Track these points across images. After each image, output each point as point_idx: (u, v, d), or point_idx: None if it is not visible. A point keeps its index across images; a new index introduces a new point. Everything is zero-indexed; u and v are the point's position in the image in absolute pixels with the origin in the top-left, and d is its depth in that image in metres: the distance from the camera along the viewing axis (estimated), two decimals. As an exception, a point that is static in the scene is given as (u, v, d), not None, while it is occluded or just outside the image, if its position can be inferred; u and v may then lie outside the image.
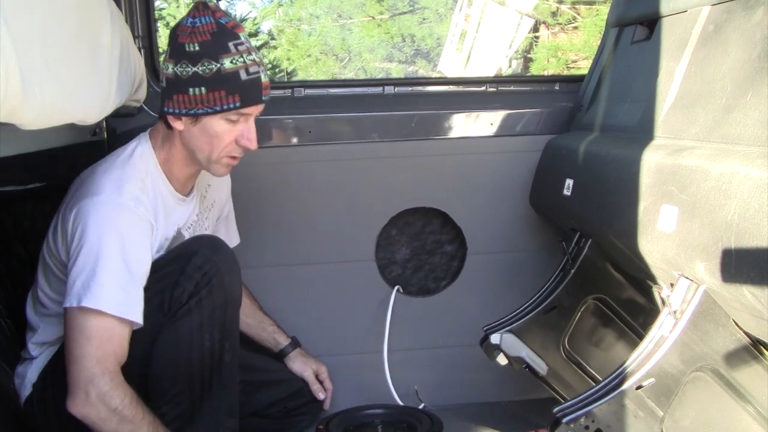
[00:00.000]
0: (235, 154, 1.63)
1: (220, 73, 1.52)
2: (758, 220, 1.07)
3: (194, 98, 1.54)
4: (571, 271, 1.82)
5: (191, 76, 1.53)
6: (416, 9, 11.92)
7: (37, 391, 1.63)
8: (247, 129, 1.59)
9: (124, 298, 1.48)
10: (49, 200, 1.99)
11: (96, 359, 1.45)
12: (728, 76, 1.34)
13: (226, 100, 1.54)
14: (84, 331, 1.45)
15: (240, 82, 1.54)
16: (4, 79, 0.97)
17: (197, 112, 1.55)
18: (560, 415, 1.34)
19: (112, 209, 1.52)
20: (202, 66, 1.52)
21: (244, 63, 1.53)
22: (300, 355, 2.09)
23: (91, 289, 1.45)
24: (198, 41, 1.53)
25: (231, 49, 1.53)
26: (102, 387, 1.44)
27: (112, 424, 1.45)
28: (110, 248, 1.48)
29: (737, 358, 1.34)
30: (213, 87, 1.53)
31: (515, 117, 2.25)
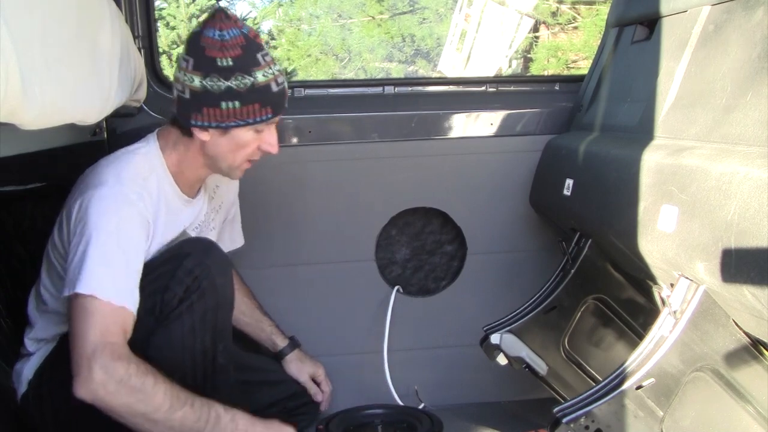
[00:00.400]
0: (255, 158, 1.66)
1: (254, 87, 1.54)
2: (758, 220, 1.07)
3: (227, 112, 1.55)
4: (571, 271, 1.82)
5: (224, 91, 1.53)
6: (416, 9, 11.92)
7: (32, 389, 1.63)
8: (270, 135, 1.62)
9: (119, 285, 1.48)
10: (49, 200, 1.99)
11: (94, 337, 1.42)
12: (728, 76, 1.34)
13: (260, 113, 1.56)
14: (81, 316, 1.44)
15: (272, 94, 1.56)
16: (4, 79, 0.97)
17: (229, 125, 1.56)
18: (560, 415, 1.34)
19: (113, 201, 1.52)
20: (235, 80, 1.53)
21: (273, 75, 1.56)
22: (296, 358, 2.09)
23: (85, 276, 1.44)
24: (230, 56, 1.53)
25: (260, 61, 1.55)
26: (103, 360, 1.40)
27: (121, 397, 1.41)
28: (107, 238, 1.48)
29: (737, 358, 1.34)
30: (247, 101, 1.54)
31: (515, 117, 2.25)
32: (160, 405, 1.43)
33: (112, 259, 1.48)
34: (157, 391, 1.43)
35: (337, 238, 2.24)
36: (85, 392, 1.40)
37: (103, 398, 1.40)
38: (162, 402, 1.43)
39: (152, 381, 1.44)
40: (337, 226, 2.23)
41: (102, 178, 1.55)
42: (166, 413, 1.43)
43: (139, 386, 1.42)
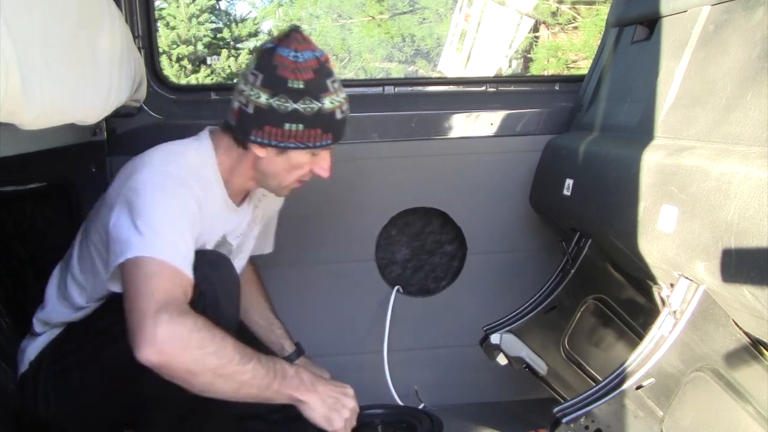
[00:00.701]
0: (306, 179, 1.65)
1: (321, 112, 1.53)
2: (758, 220, 1.07)
3: (289, 133, 1.53)
4: (571, 271, 1.82)
5: (290, 112, 1.52)
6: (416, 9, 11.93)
7: (32, 369, 1.63)
8: (325, 160, 1.61)
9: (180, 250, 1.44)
10: (49, 200, 1.99)
11: (158, 296, 1.36)
12: (728, 76, 1.34)
13: (321, 138, 1.55)
14: (141, 278, 1.38)
15: (335, 121, 1.56)
16: (4, 79, 0.97)
17: (288, 145, 1.55)
18: (560, 415, 1.34)
19: (169, 177, 1.50)
20: (303, 104, 1.52)
21: (340, 103, 1.56)
22: (302, 365, 2.08)
23: (146, 239, 1.40)
24: (303, 79, 1.52)
25: (329, 87, 1.54)
26: (169, 315, 1.33)
27: (191, 351, 1.34)
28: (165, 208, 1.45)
29: (737, 358, 1.34)
30: (311, 125, 1.53)
31: (515, 117, 2.25)
32: (231, 356, 1.38)
33: (171, 227, 1.44)
34: (226, 343, 1.39)
35: (337, 238, 2.24)
36: (151, 353, 1.31)
37: (172, 355, 1.33)
38: (233, 354, 1.38)
39: (220, 333, 1.39)
40: (337, 226, 2.23)
41: (155, 159, 1.53)
42: (237, 365, 1.38)
43: (209, 338, 1.36)
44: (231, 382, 1.39)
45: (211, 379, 1.37)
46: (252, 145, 1.57)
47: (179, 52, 10.89)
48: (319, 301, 2.25)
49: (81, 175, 2.03)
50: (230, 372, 1.38)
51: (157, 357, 1.32)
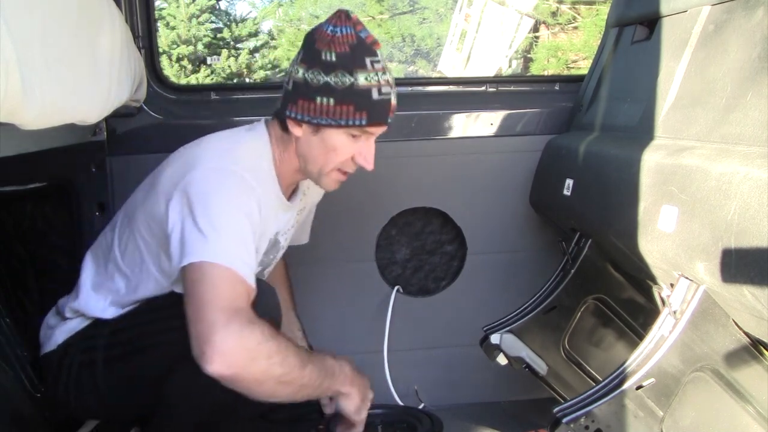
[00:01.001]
0: (348, 170, 1.58)
1: (353, 87, 1.47)
2: (758, 220, 1.07)
3: (320, 107, 1.49)
4: (571, 271, 1.82)
5: (322, 86, 1.48)
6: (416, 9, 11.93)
7: (58, 353, 1.61)
8: (367, 147, 1.54)
9: (244, 258, 1.41)
10: (49, 200, 1.99)
11: (224, 303, 1.33)
12: (728, 76, 1.34)
13: (354, 116, 1.48)
14: (205, 285, 1.35)
15: (371, 100, 1.48)
16: (4, 79, 0.97)
17: (320, 121, 1.50)
18: (560, 415, 1.34)
19: (232, 176, 1.46)
20: (335, 77, 1.47)
21: (378, 82, 1.49)
22: None
23: (210, 245, 1.38)
24: (336, 51, 1.48)
25: (367, 65, 1.48)
26: (237, 327, 1.31)
27: (259, 363, 1.33)
28: (229, 212, 1.42)
29: (737, 358, 1.34)
30: (342, 100, 1.48)
31: (515, 117, 2.25)
32: (293, 364, 1.39)
33: (236, 232, 1.41)
34: (289, 351, 1.39)
35: (337, 238, 2.24)
36: (221, 366, 1.29)
37: (242, 367, 1.31)
38: (294, 361, 1.39)
39: (284, 341, 1.39)
40: (337, 226, 2.23)
41: (212, 152, 1.50)
42: (298, 371, 1.40)
43: (275, 348, 1.35)
44: (291, 387, 1.41)
45: (274, 387, 1.38)
46: (289, 123, 1.53)
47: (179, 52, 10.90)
48: (319, 301, 2.25)
49: (81, 175, 2.03)
50: (292, 378, 1.39)
51: (227, 370, 1.31)
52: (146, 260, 1.58)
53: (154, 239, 1.55)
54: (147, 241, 1.56)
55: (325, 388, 1.50)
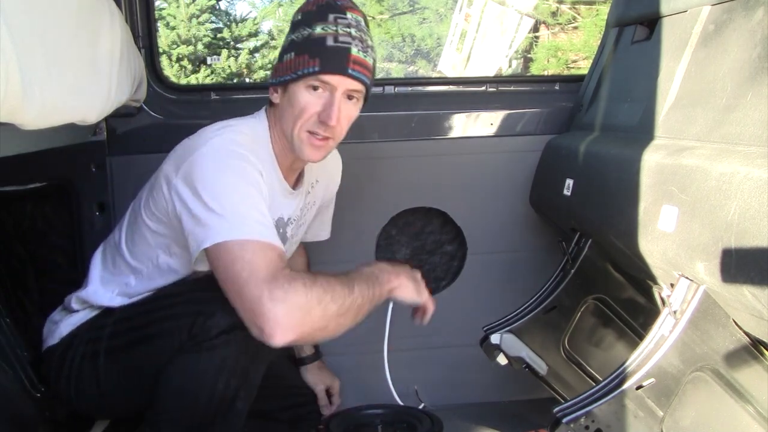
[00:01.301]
0: (315, 130, 1.52)
1: (309, 38, 1.47)
2: (758, 220, 1.07)
3: (285, 65, 1.50)
4: (571, 271, 1.81)
5: (288, 44, 1.51)
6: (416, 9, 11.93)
7: (62, 345, 1.61)
8: (330, 102, 1.49)
9: (264, 223, 1.41)
10: (49, 200, 1.99)
11: (262, 274, 1.32)
12: (728, 76, 1.34)
13: (306, 64, 1.47)
14: (230, 267, 1.35)
15: (324, 47, 1.46)
16: (4, 79, 0.97)
17: (284, 78, 1.50)
18: (560, 415, 1.34)
19: (226, 153, 1.45)
20: (297, 33, 1.50)
21: (335, 32, 1.47)
22: (317, 368, 2.09)
23: (215, 225, 1.37)
24: (303, 11, 1.51)
25: (329, 18, 1.47)
26: (281, 292, 1.30)
27: (315, 312, 1.33)
28: (232, 185, 1.42)
29: (737, 358, 1.33)
30: (300, 51, 1.48)
31: (515, 117, 2.25)
32: (342, 294, 1.40)
33: (247, 203, 1.41)
34: (333, 283, 1.40)
35: (337, 238, 2.24)
36: (283, 334, 1.30)
37: (301, 326, 1.31)
38: (342, 290, 1.40)
39: (324, 278, 1.39)
40: (337, 226, 2.23)
41: (211, 136, 1.48)
42: (350, 297, 1.41)
43: (321, 290, 1.35)
44: (350, 314, 1.42)
45: (336, 323, 1.39)
46: (271, 94, 1.56)
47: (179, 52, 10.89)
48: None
49: (81, 175, 2.03)
50: (347, 307, 1.41)
51: (291, 335, 1.31)
52: (156, 251, 1.58)
53: (162, 227, 1.54)
54: (154, 231, 1.56)
55: (378, 295, 1.51)
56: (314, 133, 1.52)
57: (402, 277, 1.59)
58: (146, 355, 1.52)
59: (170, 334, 1.47)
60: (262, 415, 1.97)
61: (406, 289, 1.60)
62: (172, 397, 1.49)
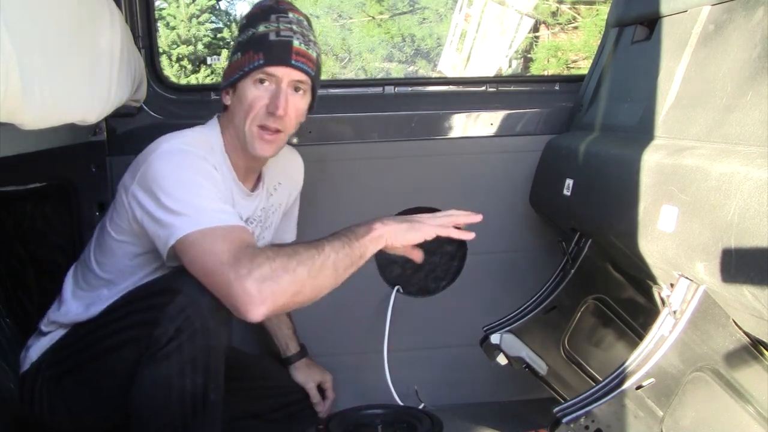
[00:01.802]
0: (264, 123, 1.56)
1: (253, 36, 1.56)
2: (758, 220, 1.07)
3: (233, 66, 1.59)
4: (571, 271, 1.81)
5: (235, 47, 1.59)
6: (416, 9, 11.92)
7: (32, 370, 1.63)
8: (276, 93, 1.55)
9: (221, 208, 1.45)
10: (49, 200, 1.99)
11: (225, 259, 1.36)
12: (728, 76, 1.34)
13: (251, 60, 1.54)
14: (197, 258, 1.40)
15: (267, 42, 1.54)
16: (4, 79, 0.97)
17: (233, 78, 1.57)
18: (560, 415, 1.34)
19: (180, 153, 1.50)
20: (243, 35, 1.58)
21: (277, 28, 1.55)
22: (305, 365, 2.09)
23: (175, 222, 1.41)
24: (248, 15, 1.60)
25: (271, 18, 1.56)
26: (246, 270, 1.34)
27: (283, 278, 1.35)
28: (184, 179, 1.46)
29: (737, 358, 1.34)
30: (245, 50, 1.56)
31: (515, 117, 2.25)
32: (310, 255, 1.40)
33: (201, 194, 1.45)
34: (297, 248, 1.42)
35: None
36: (257, 309, 1.34)
37: (273, 296, 1.34)
38: (308, 252, 1.41)
39: (287, 247, 1.42)
40: (337, 226, 2.22)
41: (164, 142, 1.52)
42: (319, 257, 1.41)
43: (285, 257, 1.37)
44: (325, 273, 1.42)
45: (311, 285, 1.41)
46: (222, 97, 1.62)
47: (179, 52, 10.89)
48: (318, 301, 2.24)
49: (81, 175, 2.03)
50: (319, 267, 1.41)
51: (266, 307, 1.34)
52: (124, 260, 1.61)
53: (126, 236, 1.58)
54: (120, 241, 1.60)
55: (359, 248, 1.48)
56: (265, 127, 1.57)
57: (388, 223, 1.51)
58: (105, 370, 1.53)
59: (124, 346, 1.49)
60: (256, 416, 1.97)
61: (398, 233, 1.51)
62: (147, 409, 1.49)
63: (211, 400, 1.51)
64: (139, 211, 1.49)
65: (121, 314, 1.53)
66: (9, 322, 1.82)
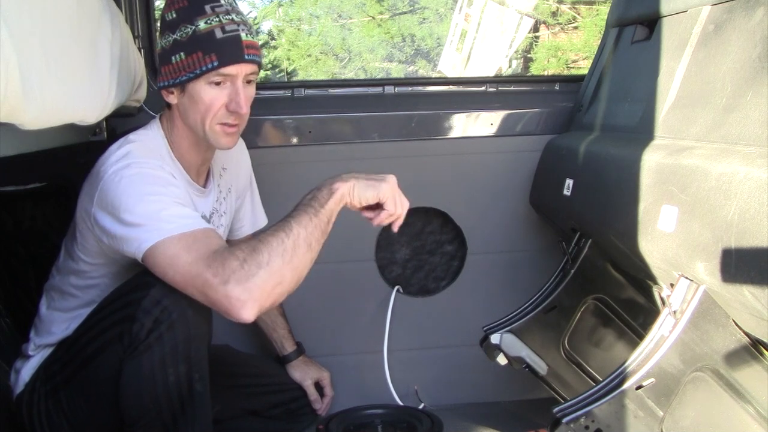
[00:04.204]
0: (227, 121, 1.56)
1: (195, 34, 1.49)
2: (758, 220, 1.07)
3: (177, 66, 1.52)
4: (571, 271, 1.81)
5: (172, 45, 1.52)
6: (416, 9, 11.91)
7: (27, 393, 1.63)
8: (235, 92, 1.52)
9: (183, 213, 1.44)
10: (49, 200, 1.99)
11: (196, 271, 1.35)
12: (728, 76, 1.34)
13: (203, 62, 1.49)
14: (169, 268, 1.38)
15: (216, 41, 1.49)
16: (4, 79, 0.97)
17: (181, 79, 1.52)
18: (560, 415, 1.34)
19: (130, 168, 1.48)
20: (179, 32, 1.50)
21: (219, 22, 1.49)
22: (302, 363, 2.09)
23: (139, 236, 1.40)
24: (175, 8, 1.52)
25: (207, 11, 1.50)
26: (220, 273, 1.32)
27: (261, 275, 1.33)
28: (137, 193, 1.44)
29: (737, 358, 1.34)
30: (190, 50, 1.49)
31: (515, 117, 2.25)
32: (280, 241, 1.37)
33: (161, 202, 1.43)
34: (267, 239, 1.38)
35: (337, 238, 2.23)
36: (245, 312, 1.32)
37: (255, 294, 1.33)
38: (278, 238, 1.38)
39: (254, 240, 1.39)
40: (337, 226, 2.22)
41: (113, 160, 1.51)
42: (290, 240, 1.38)
43: (255, 253, 1.35)
44: (299, 253, 1.39)
45: (290, 271, 1.38)
46: (163, 95, 1.58)
47: (179, 52, 10.87)
48: (319, 301, 2.25)
49: (81, 175, 2.03)
50: (291, 250, 1.38)
51: (251, 308, 1.32)
52: (101, 280, 1.61)
53: (97, 258, 1.58)
54: (93, 263, 1.60)
55: (326, 213, 1.46)
56: (225, 123, 1.56)
57: (348, 179, 1.49)
58: (95, 376, 1.53)
59: (106, 348, 1.49)
60: (255, 413, 1.97)
61: (357, 189, 1.49)
62: (134, 405, 1.49)
63: (197, 391, 1.50)
64: (103, 234, 1.48)
65: (100, 317, 1.53)
66: (9, 322, 1.82)
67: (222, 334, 2.04)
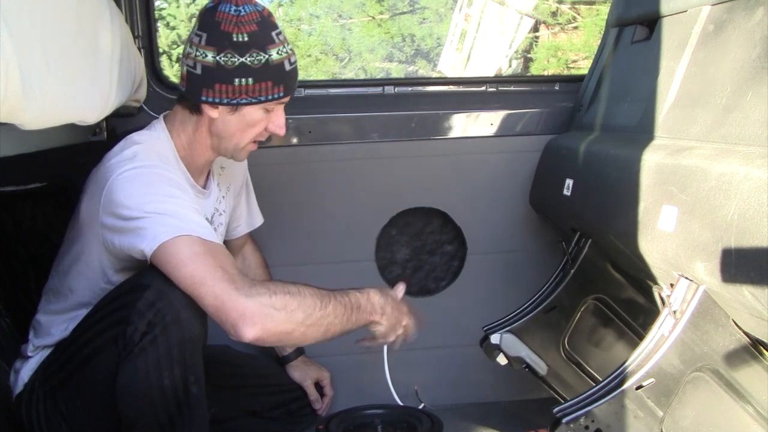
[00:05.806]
0: (262, 140, 1.65)
1: (268, 64, 1.53)
2: (758, 220, 1.07)
3: (240, 89, 1.53)
4: (571, 271, 1.81)
5: (238, 67, 1.52)
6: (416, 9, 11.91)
7: (27, 393, 1.63)
8: (279, 116, 1.61)
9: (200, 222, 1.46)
10: (49, 200, 1.99)
11: (219, 274, 1.38)
12: (728, 76, 1.34)
13: (272, 91, 1.55)
14: (180, 268, 1.40)
15: (285, 72, 1.56)
16: (4, 79, 0.97)
17: (240, 102, 1.55)
18: (560, 415, 1.34)
19: (143, 169, 1.49)
20: (250, 57, 1.52)
21: (287, 53, 1.56)
22: (302, 363, 2.09)
23: (158, 228, 1.41)
24: (246, 31, 1.52)
25: (275, 39, 1.54)
26: (246, 290, 1.37)
27: (280, 314, 1.39)
28: (151, 192, 1.46)
29: (737, 358, 1.34)
30: (260, 78, 1.53)
31: (515, 117, 2.25)
32: (313, 305, 1.45)
33: (175, 202, 1.46)
34: (304, 293, 1.45)
35: (337, 238, 2.24)
36: (253, 330, 1.37)
37: (269, 325, 1.38)
38: (313, 302, 1.45)
39: (294, 287, 1.45)
40: (337, 226, 2.23)
41: (118, 166, 1.51)
42: (320, 311, 1.45)
43: (288, 296, 1.42)
44: (319, 328, 1.46)
45: (302, 332, 1.44)
46: (204, 107, 1.57)
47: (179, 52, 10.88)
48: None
49: (81, 175, 2.03)
50: (316, 320, 1.45)
51: (257, 331, 1.37)
52: (100, 284, 1.60)
53: (97, 264, 1.58)
54: (93, 268, 1.59)
55: (354, 322, 1.54)
56: (258, 141, 1.66)
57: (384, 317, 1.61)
58: (92, 377, 1.53)
59: (103, 350, 1.49)
60: (254, 414, 1.97)
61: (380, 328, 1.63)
62: (131, 407, 1.49)
63: (193, 393, 1.51)
64: (111, 233, 1.48)
65: (96, 319, 1.53)
66: (9, 322, 1.82)
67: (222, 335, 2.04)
